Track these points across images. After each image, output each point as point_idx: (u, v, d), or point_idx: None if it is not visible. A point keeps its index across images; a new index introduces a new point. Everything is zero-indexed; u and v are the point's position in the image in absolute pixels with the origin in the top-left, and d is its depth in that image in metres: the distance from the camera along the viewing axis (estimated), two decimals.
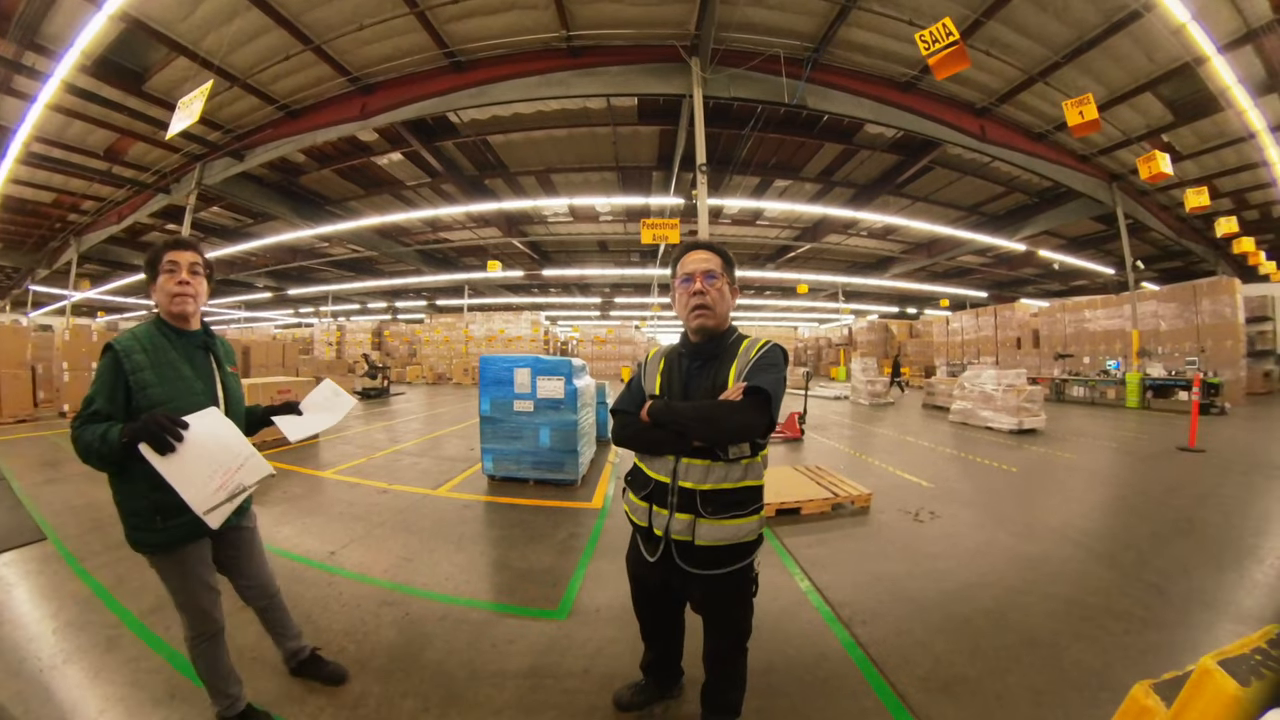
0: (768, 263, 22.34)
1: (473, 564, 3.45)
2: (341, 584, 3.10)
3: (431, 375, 24.01)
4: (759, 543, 1.71)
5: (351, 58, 8.97)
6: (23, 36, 7.98)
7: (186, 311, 1.73)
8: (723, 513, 1.59)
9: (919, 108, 9.59)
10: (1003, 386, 9.16)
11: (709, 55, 7.92)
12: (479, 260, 21.22)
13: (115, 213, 16.22)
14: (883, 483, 5.32)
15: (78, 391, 10.75)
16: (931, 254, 19.62)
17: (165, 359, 1.67)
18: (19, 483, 5.52)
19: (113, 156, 12.90)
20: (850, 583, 3.09)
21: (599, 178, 13.63)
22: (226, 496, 1.55)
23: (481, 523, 4.31)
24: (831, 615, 2.72)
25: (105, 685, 2.21)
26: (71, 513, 4.56)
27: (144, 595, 2.98)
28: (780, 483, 4.72)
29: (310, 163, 13.26)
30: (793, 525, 4.11)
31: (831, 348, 29.79)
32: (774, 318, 38.69)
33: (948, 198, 14.90)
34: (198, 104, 7.00)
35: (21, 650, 2.47)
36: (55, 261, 21.07)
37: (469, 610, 2.79)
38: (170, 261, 1.69)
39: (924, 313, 33.10)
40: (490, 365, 5.44)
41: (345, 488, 5.32)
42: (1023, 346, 18.48)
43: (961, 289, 25.76)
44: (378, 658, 2.35)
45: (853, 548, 3.69)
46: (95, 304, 28.75)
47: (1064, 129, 9.71)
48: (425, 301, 32.08)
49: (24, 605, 2.95)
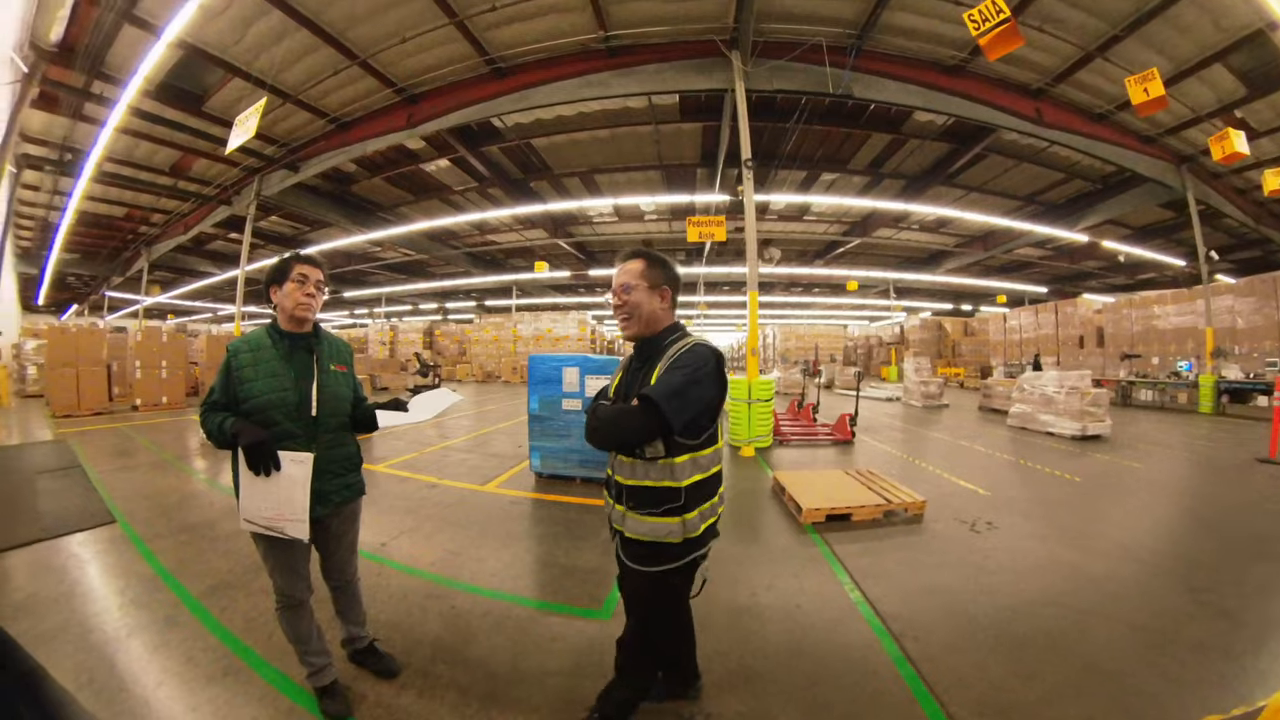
0: (815, 259, 21.82)
1: (518, 560, 3.48)
2: (391, 575, 3.18)
3: (481, 373, 24.53)
4: (691, 547, 1.67)
5: (396, 70, 9.25)
6: (90, 67, 8.64)
7: (306, 319, 1.93)
8: (642, 509, 1.64)
9: (970, 92, 9.17)
10: (1065, 389, 8.64)
11: (749, 48, 7.77)
12: (526, 261, 21.59)
13: (182, 224, 17.33)
14: (937, 489, 5.10)
15: (149, 387, 11.61)
16: (987, 247, 18.76)
17: (264, 358, 1.87)
18: (93, 469, 5.93)
19: (178, 172, 13.82)
20: (902, 595, 2.96)
21: (643, 177, 13.63)
22: (263, 526, 1.80)
23: (528, 519, 4.34)
24: (882, 629, 2.60)
25: (164, 659, 2.35)
26: (140, 498, 4.86)
27: (203, 577, 3.16)
28: (831, 487, 4.59)
29: (361, 172, 13.78)
30: (843, 532, 3.98)
31: (883, 346, 28.75)
32: (823, 315, 37.79)
33: (1003, 187, 14.20)
34: (253, 120, 7.38)
35: (89, 624, 2.64)
36: (128, 269, 22.77)
37: (513, 606, 2.81)
38: (301, 274, 1.89)
39: (979, 310, 31.69)
40: (539, 364, 5.49)
41: (396, 481, 5.47)
42: (1085, 345, 17.36)
43: (1019, 284, 24.54)
44: (423, 649, 2.39)
45: (905, 558, 3.53)
46: (165, 308, 30.77)
47: (1126, 108, 9.12)
48: (474, 302, 32.91)
49: (94, 582, 3.16)
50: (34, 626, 2.61)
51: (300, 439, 1.85)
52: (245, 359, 1.86)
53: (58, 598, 2.92)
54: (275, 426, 1.81)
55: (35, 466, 6.17)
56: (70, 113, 10.33)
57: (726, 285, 27.99)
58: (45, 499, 4.85)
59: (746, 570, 3.29)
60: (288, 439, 1.82)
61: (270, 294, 1.94)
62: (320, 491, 1.87)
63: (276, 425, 1.81)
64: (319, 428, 1.90)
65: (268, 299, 1.96)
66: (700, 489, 1.66)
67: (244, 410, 1.82)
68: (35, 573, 3.26)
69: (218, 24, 7.98)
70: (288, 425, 1.83)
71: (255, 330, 1.94)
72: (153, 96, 9.61)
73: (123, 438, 8.11)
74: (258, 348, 1.89)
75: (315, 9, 7.79)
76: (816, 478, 5.00)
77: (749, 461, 6.60)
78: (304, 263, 1.92)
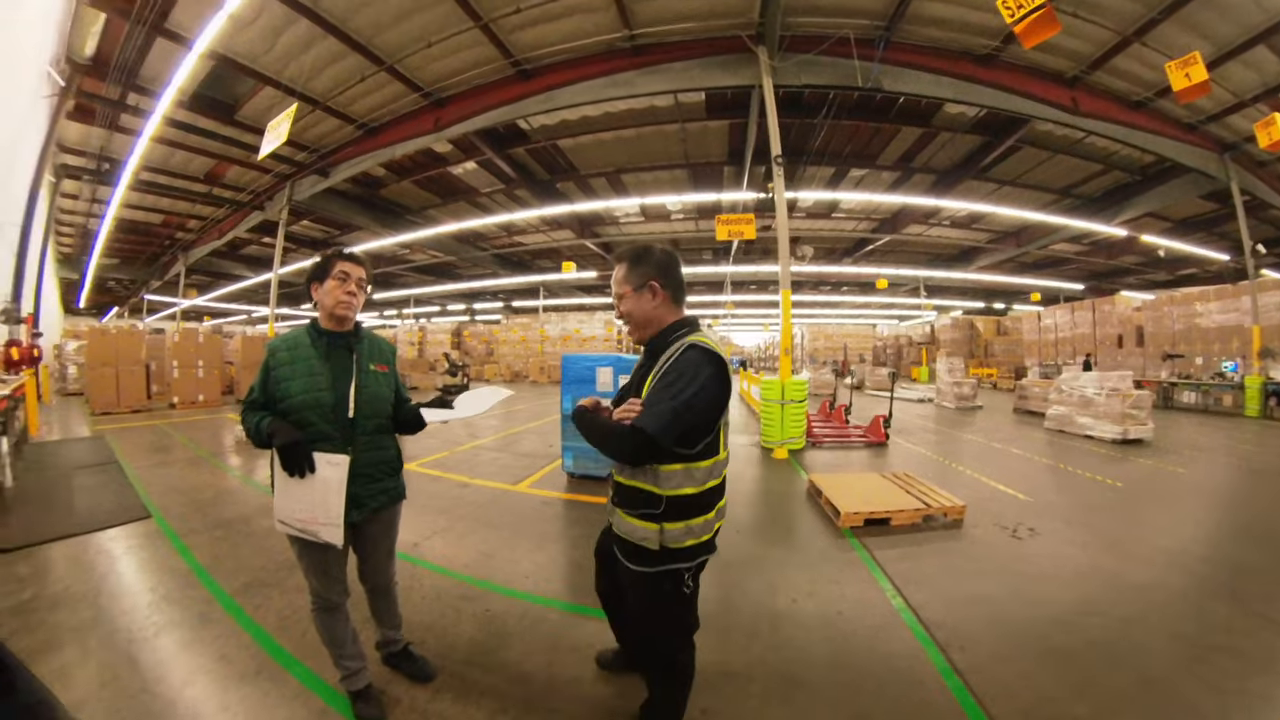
0: (844, 257, 21.46)
1: (552, 562, 3.45)
2: (424, 576, 3.17)
3: (509, 373, 24.68)
4: (671, 558, 1.58)
5: (423, 74, 9.34)
6: (124, 79, 8.90)
7: (347, 317, 1.90)
8: (626, 507, 1.64)
9: (1002, 82, 8.87)
10: (1105, 390, 8.31)
11: (776, 42, 7.65)
12: (553, 262, 21.74)
13: (217, 229, 17.84)
14: (975, 493, 4.94)
15: (185, 386, 11.97)
16: (1020, 243, 18.20)
17: (302, 356, 1.84)
18: (130, 465, 6.08)
19: (212, 180, 14.24)
20: (945, 602, 2.86)
21: (669, 176, 13.57)
22: (297, 529, 1.78)
23: (561, 520, 4.31)
24: (927, 637, 2.51)
25: (194, 657, 2.36)
26: (175, 494, 4.96)
27: (237, 574, 3.19)
28: (868, 491, 4.49)
29: (390, 176, 14.00)
30: (882, 536, 3.88)
31: (912, 346, 28.15)
32: (851, 315, 37.25)
33: (1038, 180, 13.76)
34: (285, 126, 7.51)
35: (115, 621, 2.66)
36: (166, 273, 23.59)
37: (548, 610, 2.77)
38: (343, 271, 1.86)
39: (1012, 308, 30.87)
40: (573, 364, 5.48)
41: (428, 480, 5.49)
42: (1125, 345, 16.63)
43: (1054, 281, 23.82)
44: (457, 652, 2.37)
45: (946, 564, 3.42)
46: (202, 310, 31.83)
47: (1166, 95, 8.76)
48: (502, 303, 33.27)
49: (129, 577, 3.21)
50: (66, 620, 2.65)
51: (336, 441, 1.81)
52: (283, 358, 1.84)
53: (91, 592, 2.97)
54: (310, 428, 1.78)
55: (74, 461, 6.34)
56: (106, 124, 10.66)
57: (754, 284, 27.80)
58: (83, 494, 4.97)
59: (786, 574, 3.22)
60: (323, 441, 1.78)
61: (311, 291, 1.92)
62: (355, 496, 1.83)
63: (312, 426, 1.78)
64: (356, 430, 1.86)
65: (308, 296, 1.93)
66: (687, 501, 1.56)
67: (280, 410, 1.80)
68: (70, 566, 3.32)
69: (247, 34, 8.16)
70: (323, 426, 1.80)
71: (296, 329, 1.92)
72: (186, 106, 9.90)
73: (160, 434, 8.34)
74: (295, 346, 1.86)
75: (342, 16, 7.90)
76: (853, 481, 4.90)
77: (782, 464, 6.49)
78: (346, 260, 1.88)
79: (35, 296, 11.54)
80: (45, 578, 3.16)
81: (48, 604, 2.83)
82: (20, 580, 3.10)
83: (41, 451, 6.94)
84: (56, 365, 15.20)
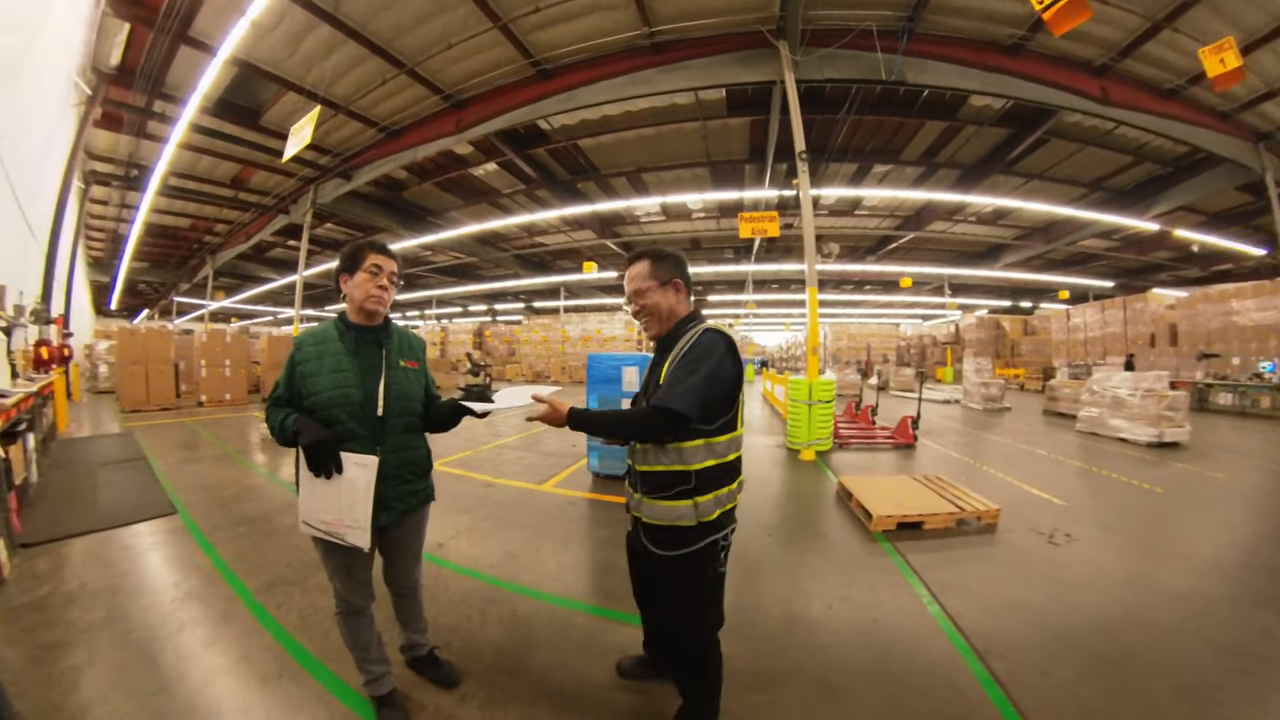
0: (867, 255, 21.08)
1: (579, 564, 3.40)
2: (449, 577, 3.13)
3: (530, 373, 24.86)
4: (707, 531, 1.66)
5: (443, 76, 9.37)
6: (150, 87, 9.08)
7: (378, 312, 1.84)
8: (656, 492, 1.67)
9: (1030, 72, 8.59)
10: (1140, 391, 8.03)
11: (798, 37, 7.51)
12: (574, 263, 21.75)
13: (243, 233, 18.20)
14: (1008, 497, 4.78)
15: (213, 385, 12.22)
16: (1048, 239, 17.71)
17: (330, 352, 1.78)
18: (158, 462, 6.17)
19: (238, 184, 14.52)
20: (983, 610, 2.77)
21: (690, 174, 13.45)
22: (322, 531, 1.73)
23: (587, 521, 4.26)
24: (966, 646, 2.43)
25: (216, 657, 2.32)
26: (201, 490, 5.01)
27: (260, 571, 3.18)
28: (901, 493, 4.37)
29: (412, 178, 14.11)
30: (915, 541, 3.77)
31: (937, 346, 27.49)
32: (874, 314, 36.65)
33: (1066, 173, 13.33)
34: (308, 129, 7.61)
35: (135, 619, 2.65)
36: (195, 276, 24.19)
37: (575, 613, 2.72)
38: (375, 264, 1.80)
39: (1039, 306, 30.12)
40: (598, 363, 5.42)
41: (452, 479, 5.47)
42: (1157, 344, 16.03)
43: (1083, 278, 23.12)
44: (484, 657, 2.32)
45: (983, 570, 3.31)
46: (230, 311, 32.69)
47: (1198, 82, 8.45)
48: (523, 304, 33.47)
49: (149, 574, 3.21)
50: (81, 617, 2.65)
51: (364, 440, 1.74)
52: (309, 353, 1.78)
53: (110, 589, 2.97)
54: (338, 426, 1.72)
55: (102, 457, 6.45)
56: (134, 131, 10.90)
57: (775, 283, 27.53)
58: (109, 489, 5.03)
59: (819, 580, 3.14)
60: (351, 440, 1.72)
61: (340, 283, 1.84)
62: (383, 498, 1.77)
63: (339, 424, 1.72)
64: (385, 428, 1.80)
65: (337, 288, 1.87)
66: (713, 474, 1.65)
67: (307, 407, 1.74)
68: (91, 562, 3.34)
69: (269, 41, 8.27)
70: (351, 425, 1.73)
71: (323, 323, 1.85)
72: (211, 113, 10.07)
73: (188, 432, 8.50)
74: (323, 341, 1.80)
75: (362, 20, 7.96)
76: (883, 483, 4.78)
77: (809, 465, 6.36)
78: (379, 252, 1.82)
79: (66, 298, 11.87)
80: (63, 573, 3.17)
81: (63, 600, 2.83)
82: (38, 576, 3.12)
83: (70, 447, 7.09)
84: (88, 364, 15.65)
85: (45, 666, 2.24)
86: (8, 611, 2.73)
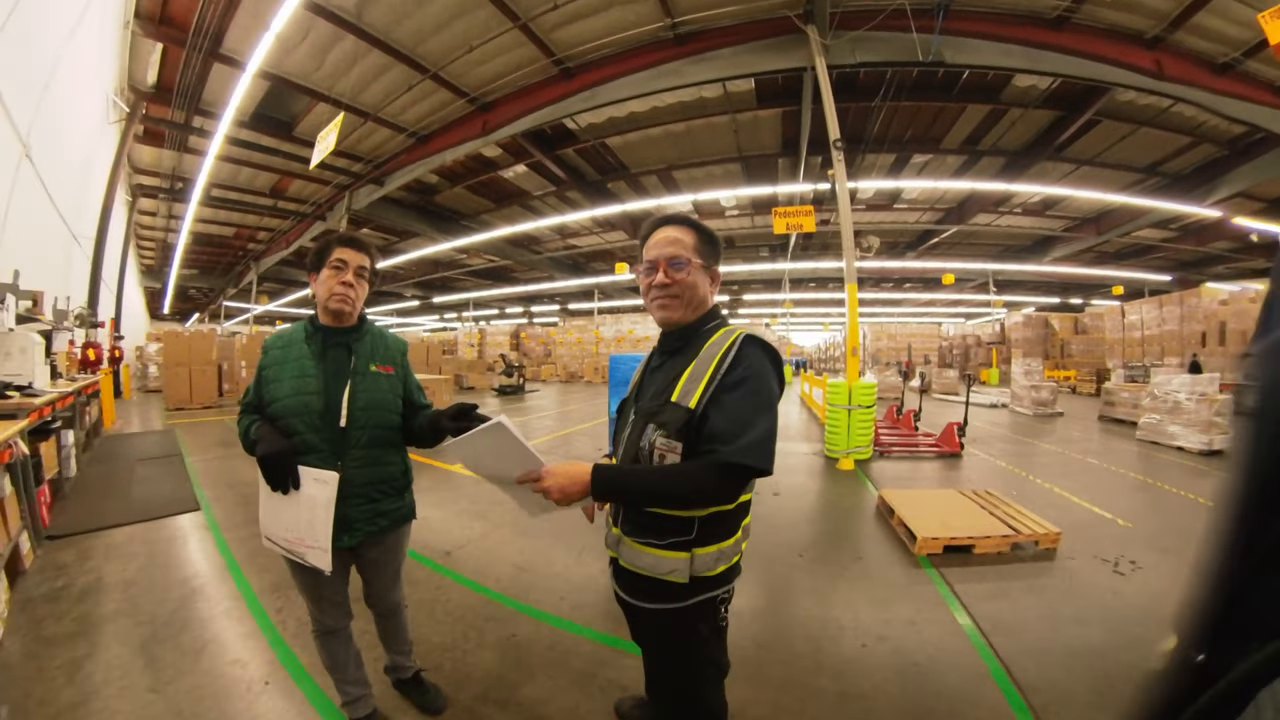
0: (907, 251, 20.25)
1: (591, 582, 3.16)
2: (451, 590, 3.00)
3: (565, 374, 25.19)
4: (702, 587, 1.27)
5: (467, 80, 9.36)
6: (187, 103, 9.44)
7: (343, 311, 1.65)
8: (639, 535, 1.30)
9: (1077, 46, 7.96)
10: (1196, 395, 7.41)
11: (826, 20, 7.16)
12: (606, 264, 21.75)
13: (284, 240, 18.80)
14: (1066, 516, 4.30)
15: None
16: (1100, 230, 16.64)
17: (293, 355, 1.64)
18: (191, 459, 6.32)
19: (277, 194, 15.01)
20: (1040, 656, 2.41)
21: (721, 170, 13.14)
22: (284, 550, 1.61)
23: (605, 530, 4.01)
24: (1022, 703, 2.09)
25: (210, 659, 2.31)
26: (227, 487, 5.08)
27: (266, 572, 3.15)
28: (947, 511, 3.97)
29: (443, 182, 14.24)
30: (964, 567, 3.39)
31: (981, 346, 26.28)
32: (914, 313, 35.37)
33: (1119, 158, 12.44)
34: (332, 135, 7.71)
35: (140, 615, 2.67)
36: (240, 282, 25.28)
37: (580, 640, 2.49)
38: (339, 259, 1.61)
39: (1090, 303, 28.49)
40: (619, 364, 5.19)
41: (471, 483, 5.29)
42: (1208, 343, 14.70)
43: (1138, 272, 21.65)
44: (473, 683, 2.16)
45: (1040, 605, 2.92)
46: (274, 315, 34.21)
47: (1255, 53, 7.72)
48: (558, 306, 33.86)
49: (162, 570, 3.24)
50: (91, 610, 2.69)
51: (323, 453, 1.56)
52: (274, 355, 1.65)
53: (124, 582, 3.02)
54: (295, 436, 1.55)
55: (141, 453, 6.69)
56: (176, 146, 11.40)
57: (812, 282, 26.86)
58: (142, 485, 5.17)
59: (854, 612, 2.81)
60: (309, 453, 1.55)
61: (310, 282, 1.69)
62: (347, 518, 1.59)
63: (297, 435, 1.55)
64: (348, 441, 1.60)
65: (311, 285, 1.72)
66: (721, 521, 1.27)
67: (268, 415, 1.60)
68: (111, 556, 3.40)
69: (297, 54, 8.44)
70: (309, 436, 1.56)
71: (293, 325, 1.71)
72: (248, 126, 10.40)
73: (226, 430, 8.71)
74: (288, 344, 1.65)
75: (384, 29, 8.01)
76: (928, 498, 4.40)
77: (848, 475, 5.95)
78: (345, 245, 1.63)
79: (117, 303, 12.39)
80: (83, 566, 3.23)
81: (77, 593, 2.88)
82: (59, 568, 3.20)
83: (113, 443, 7.40)
84: (138, 365, 16.39)
85: (43, 660, 2.28)
86: (24, 602, 2.77)
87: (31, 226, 6.19)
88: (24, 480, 3.26)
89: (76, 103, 7.41)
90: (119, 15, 7.64)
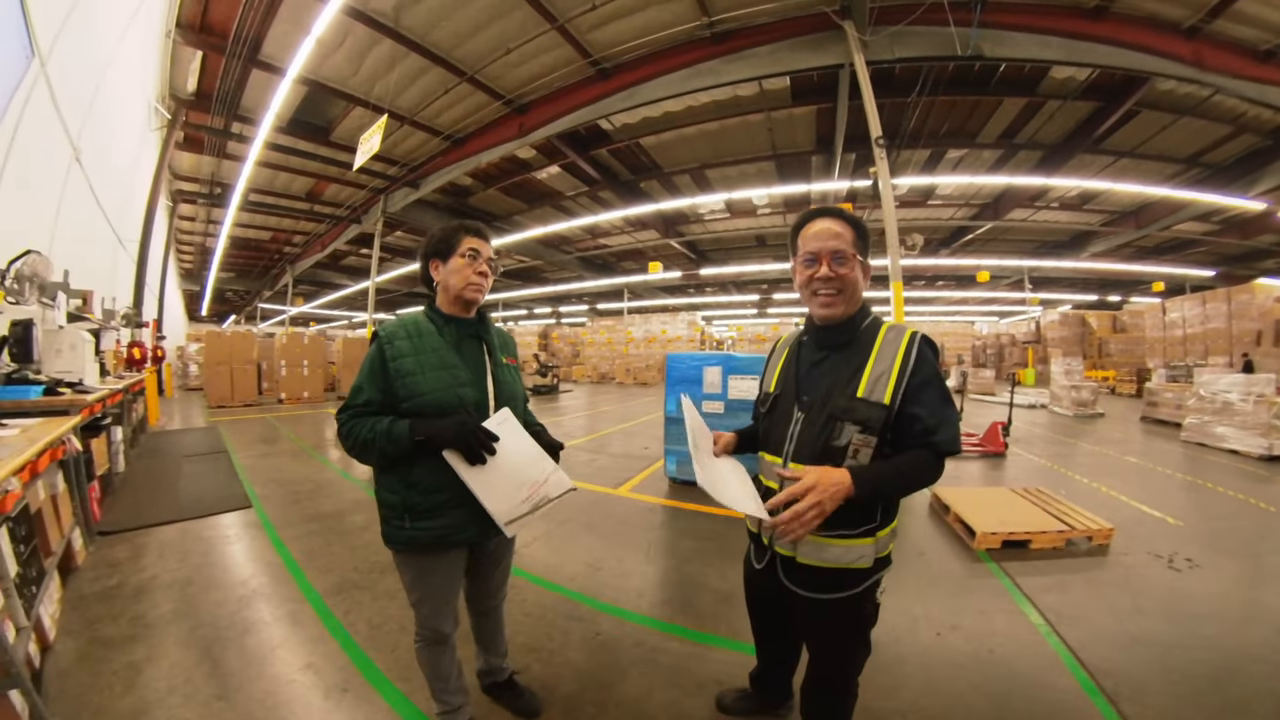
0: (941, 248, 19.91)
1: (666, 579, 3.20)
2: (526, 589, 2.95)
3: (595, 374, 25.06)
4: (877, 568, 1.38)
5: (504, 82, 9.47)
6: (226, 110, 9.69)
7: (476, 301, 1.62)
8: (828, 528, 1.26)
9: (1115, 36, 7.81)
10: (1252, 397, 7.18)
11: (865, 15, 7.09)
12: (637, 264, 21.81)
13: (319, 243, 19.24)
14: (1116, 514, 4.28)
15: (293, 383, 12.99)
16: (1140, 223, 16.21)
17: (430, 346, 1.53)
18: (238, 456, 6.42)
19: (313, 198, 15.37)
20: (1106, 643, 2.46)
21: (755, 169, 13.08)
22: (530, 508, 1.51)
23: (668, 530, 4.08)
24: (1092, 684, 2.15)
25: (278, 665, 2.21)
26: (276, 485, 5.13)
27: (329, 574, 3.12)
28: (1001, 508, 4.02)
29: (477, 184, 14.45)
30: (1022, 561, 3.43)
31: (1016, 346, 25.53)
32: (947, 311, 34.57)
33: (1159, 149, 12.08)
34: (376, 138, 7.89)
35: (200, 616, 2.60)
36: (276, 284, 25.89)
37: (667, 638, 2.48)
38: (472, 248, 1.58)
39: (1129, 300, 27.65)
40: (678, 364, 5.25)
41: None
42: (1262, 342, 14.02)
43: (1180, 267, 20.92)
44: (565, 684, 2.13)
45: (1100, 597, 2.96)
46: (309, 316, 35.08)
47: None
48: (587, 306, 33.92)
49: (219, 570, 3.21)
50: (148, 611, 2.62)
51: None
52: (403, 347, 1.50)
53: (180, 581, 2.97)
54: None
55: (186, 449, 6.83)
56: (215, 152, 11.72)
57: None
58: (190, 480, 5.21)
59: (924, 603, 2.87)
60: None
61: (430, 269, 1.63)
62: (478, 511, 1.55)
63: None
64: None
65: (424, 278, 1.67)
66: (892, 504, 1.41)
67: (403, 412, 1.47)
68: (166, 554, 3.38)
69: (335, 59, 8.61)
70: None
71: (410, 314, 1.62)
72: (286, 131, 10.66)
73: (267, 427, 8.95)
74: (419, 334, 1.54)
75: (422, 32, 8.12)
76: (982, 496, 4.42)
77: None
78: (474, 235, 1.59)
79: (159, 305, 12.84)
80: (137, 563, 3.19)
81: (131, 592, 2.81)
82: (112, 565, 3.15)
83: (158, 439, 7.60)
84: (179, 364, 16.97)
85: (98, 664, 2.18)
86: (77, 600, 2.70)
87: (79, 228, 6.27)
88: (76, 476, 3.22)
89: (123, 109, 7.56)
90: (161, 25, 7.87)
